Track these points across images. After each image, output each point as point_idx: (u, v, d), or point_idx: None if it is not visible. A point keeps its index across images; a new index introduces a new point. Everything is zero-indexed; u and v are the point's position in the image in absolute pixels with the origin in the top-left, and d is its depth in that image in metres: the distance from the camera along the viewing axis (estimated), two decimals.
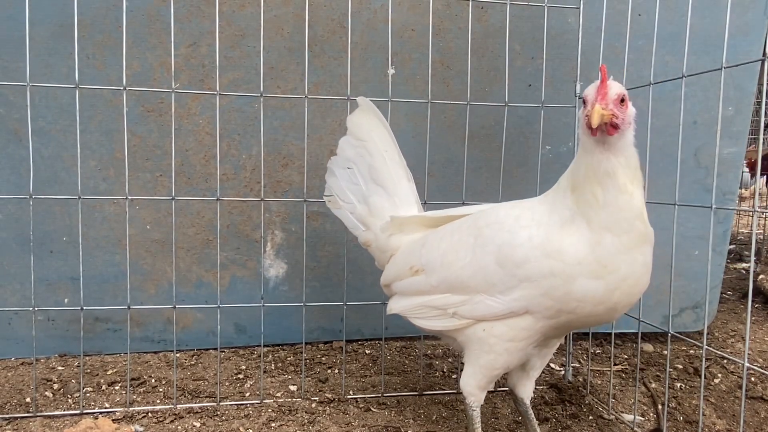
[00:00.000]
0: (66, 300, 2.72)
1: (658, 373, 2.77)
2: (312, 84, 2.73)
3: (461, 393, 1.89)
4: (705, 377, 2.69)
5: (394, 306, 2.06)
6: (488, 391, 2.46)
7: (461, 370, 1.89)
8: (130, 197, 2.25)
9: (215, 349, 2.75)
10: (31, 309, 2.21)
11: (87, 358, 2.72)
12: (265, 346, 2.67)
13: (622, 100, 1.53)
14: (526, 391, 1.99)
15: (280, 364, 2.76)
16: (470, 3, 2.40)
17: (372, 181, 2.20)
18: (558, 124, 2.80)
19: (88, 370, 2.60)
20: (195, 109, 2.72)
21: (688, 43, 1.96)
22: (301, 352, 2.68)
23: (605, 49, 2.41)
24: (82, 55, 2.50)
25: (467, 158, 2.48)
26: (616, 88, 1.52)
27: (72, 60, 2.15)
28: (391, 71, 2.65)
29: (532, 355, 1.89)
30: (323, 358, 2.84)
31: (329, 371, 2.69)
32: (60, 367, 2.64)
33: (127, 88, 2.18)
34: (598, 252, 1.54)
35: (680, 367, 2.86)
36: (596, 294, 1.56)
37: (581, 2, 2.51)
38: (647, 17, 2.75)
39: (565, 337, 2.66)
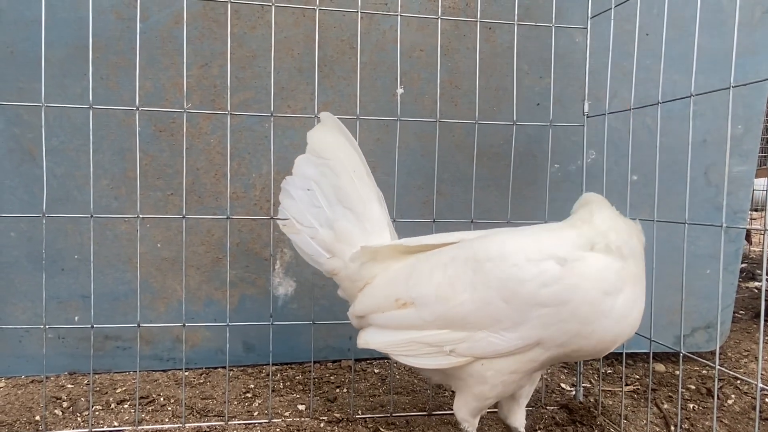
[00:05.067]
0: (76, 318, 2.74)
1: (670, 394, 2.74)
2: (321, 104, 2.75)
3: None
4: (718, 398, 2.65)
5: (371, 340, 1.91)
6: (497, 411, 2.44)
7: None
8: (141, 216, 2.27)
9: (224, 367, 2.74)
10: (41, 327, 2.22)
11: (96, 376, 2.72)
12: (273, 364, 2.66)
13: None
14: (519, 419, 1.96)
15: (288, 383, 2.75)
16: (478, 23, 2.43)
17: (338, 203, 2.02)
18: (567, 142, 2.80)
19: (98, 388, 2.60)
20: (206, 129, 2.75)
21: (696, 62, 1.97)
22: (310, 371, 2.67)
23: (613, 68, 2.42)
24: (96, 76, 2.54)
25: (476, 177, 2.48)
26: None
27: (86, 81, 2.19)
28: (400, 91, 2.67)
29: (524, 384, 1.86)
30: (332, 377, 2.82)
31: (338, 390, 2.68)
32: (69, 385, 2.64)
33: (140, 108, 2.21)
34: (620, 262, 1.62)
35: (693, 387, 2.82)
36: (630, 308, 1.62)
37: (588, 22, 2.53)
38: (654, 37, 2.76)
39: None
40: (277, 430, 2.27)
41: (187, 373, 2.78)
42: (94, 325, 2.26)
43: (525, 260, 1.62)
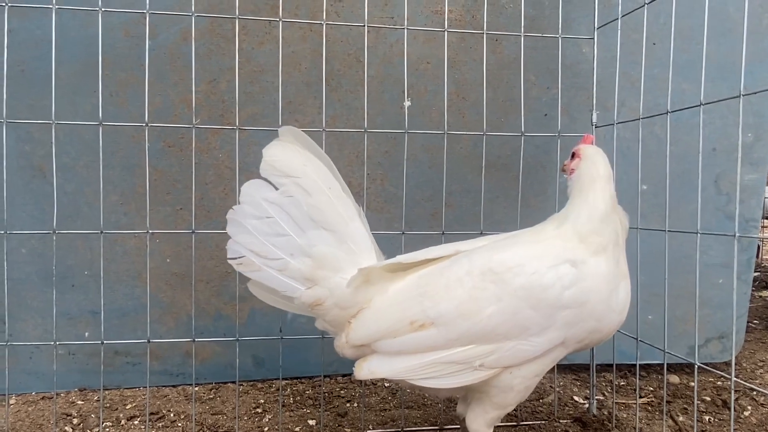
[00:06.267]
0: (86, 334, 2.74)
1: (685, 406, 2.70)
2: (329, 117, 2.76)
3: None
4: (734, 410, 2.61)
5: (379, 369, 1.77)
6: (512, 426, 2.42)
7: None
8: (150, 231, 2.28)
9: (234, 382, 2.73)
10: (52, 343, 2.22)
11: (106, 392, 2.72)
12: (283, 379, 2.65)
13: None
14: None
15: (298, 398, 2.73)
16: (485, 35, 2.43)
17: (314, 226, 1.83)
18: None
19: (108, 405, 2.60)
20: (215, 144, 2.76)
21: (704, 70, 1.96)
22: (320, 386, 2.65)
23: (621, 77, 2.42)
24: (105, 93, 2.56)
25: (484, 188, 2.48)
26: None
27: (96, 97, 2.21)
28: (407, 103, 2.67)
29: None
30: (342, 392, 2.81)
31: (348, 405, 2.66)
32: (80, 402, 2.64)
33: (149, 125, 2.23)
34: (617, 262, 1.77)
35: (708, 399, 2.78)
36: (627, 299, 1.76)
37: (595, 33, 2.53)
38: (662, 46, 2.76)
39: (589, 370, 2.62)
40: None
41: (197, 389, 2.77)
42: (104, 341, 2.26)
43: (543, 266, 1.67)
